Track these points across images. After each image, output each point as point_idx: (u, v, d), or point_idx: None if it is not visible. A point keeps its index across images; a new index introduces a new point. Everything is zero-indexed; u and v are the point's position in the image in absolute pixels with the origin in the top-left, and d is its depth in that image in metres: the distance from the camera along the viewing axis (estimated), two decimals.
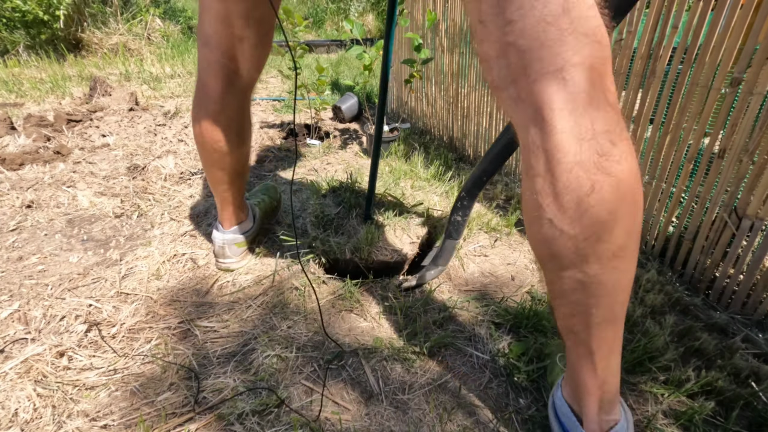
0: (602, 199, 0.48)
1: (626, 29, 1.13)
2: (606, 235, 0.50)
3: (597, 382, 0.59)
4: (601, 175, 0.48)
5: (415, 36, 1.73)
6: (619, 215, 0.50)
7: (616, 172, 0.48)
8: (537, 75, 0.48)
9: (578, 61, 0.47)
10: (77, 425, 0.72)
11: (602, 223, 0.49)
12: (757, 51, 0.88)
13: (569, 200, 0.49)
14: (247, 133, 1.02)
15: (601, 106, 0.48)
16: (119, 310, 0.98)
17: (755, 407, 0.78)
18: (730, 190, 0.98)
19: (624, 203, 0.50)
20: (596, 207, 0.49)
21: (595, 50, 0.48)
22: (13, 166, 1.72)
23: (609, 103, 0.49)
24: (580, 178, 0.48)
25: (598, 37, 0.48)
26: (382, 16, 6.55)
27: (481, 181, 0.92)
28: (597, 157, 0.48)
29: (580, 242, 0.50)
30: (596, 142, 0.48)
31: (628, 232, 0.51)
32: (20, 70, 3.56)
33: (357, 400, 0.79)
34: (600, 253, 0.51)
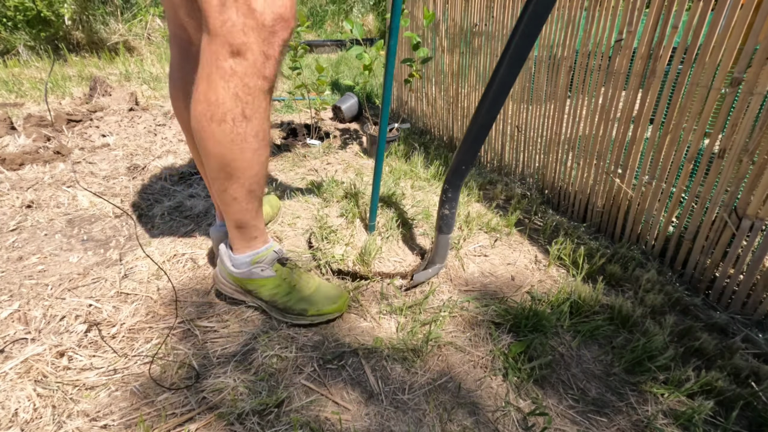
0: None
1: (626, 29, 1.13)
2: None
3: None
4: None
5: (413, 35, 1.73)
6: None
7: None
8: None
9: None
10: (77, 425, 0.72)
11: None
12: (757, 51, 0.88)
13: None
14: None
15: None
16: (119, 310, 0.98)
17: (755, 407, 0.78)
18: (730, 190, 0.98)
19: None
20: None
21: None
22: (13, 166, 1.72)
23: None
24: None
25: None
26: (382, 16, 6.55)
27: (461, 170, 0.93)
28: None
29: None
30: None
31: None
32: (20, 70, 3.56)
33: (357, 400, 0.79)
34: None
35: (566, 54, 1.35)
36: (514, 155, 1.71)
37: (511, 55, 0.76)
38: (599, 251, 1.20)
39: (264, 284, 0.95)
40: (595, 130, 1.29)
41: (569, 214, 1.46)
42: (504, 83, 0.79)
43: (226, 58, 0.69)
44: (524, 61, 0.76)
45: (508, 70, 0.77)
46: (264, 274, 0.95)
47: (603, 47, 1.21)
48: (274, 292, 0.95)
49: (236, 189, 0.83)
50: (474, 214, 1.41)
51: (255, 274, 0.94)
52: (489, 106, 0.82)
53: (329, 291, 0.98)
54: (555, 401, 0.80)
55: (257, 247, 0.95)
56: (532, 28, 0.72)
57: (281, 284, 0.96)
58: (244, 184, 0.83)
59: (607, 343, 0.93)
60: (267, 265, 0.95)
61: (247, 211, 0.88)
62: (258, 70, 0.71)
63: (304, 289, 0.96)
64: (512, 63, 0.76)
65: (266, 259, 0.95)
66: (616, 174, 1.25)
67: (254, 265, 0.94)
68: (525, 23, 0.72)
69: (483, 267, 1.18)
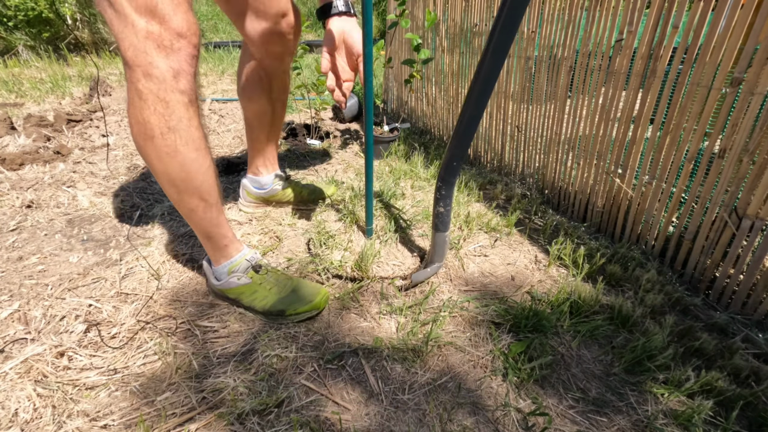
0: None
1: (627, 29, 1.13)
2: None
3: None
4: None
5: (415, 36, 1.73)
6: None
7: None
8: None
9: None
10: (77, 425, 0.72)
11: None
12: (757, 51, 0.88)
13: None
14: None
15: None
16: (119, 310, 0.98)
17: (755, 407, 0.78)
18: (730, 190, 0.98)
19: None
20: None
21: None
22: (13, 166, 1.72)
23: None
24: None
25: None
26: (382, 16, 6.55)
27: (453, 167, 0.93)
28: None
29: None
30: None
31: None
32: (20, 70, 3.56)
33: (357, 400, 0.79)
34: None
35: (566, 54, 1.35)
36: (514, 155, 1.71)
37: (493, 47, 0.76)
38: (599, 251, 1.20)
39: (242, 291, 0.99)
40: (595, 130, 1.29)
41: (569, 214, 1.46)
42: (489, 75, 0.79)
43: (140, 80, 0.75)
44: (507, 52, 0.77)
45: (491, 63, 0.78)
46: (240, 282, 0.99)
47: (603, 47, 1.21)
48: (252, 298, 0.98)
49: (189, 200, 0.88)
50: (474, 214, 1.41)
51: (232, 283, 0.98)
52: (476, 99, 0.82)
53: (306, 290, 1.00)
54: (555, 401, 0.80)
55: (231, 256, 1.00)
56: (512, 19, 0.73)
57: (258, 290, 0.99)
58: (193, 194, 0.88)
59: (607, 343, 0.93)
60: (242, 273, 0.99)
61: (207, 221, 0.93)
62: (171, 86, 0.77)
63: (281, 292, 0.99)
64: (495, 55, 0.77)
65: (240, 268, 0.99)
66: (616, 174, 1.25)
67: (231, 275, 0.98)
68: (505, 15, 0.73)
69: (483, 267, 1.18)
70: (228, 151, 2.04)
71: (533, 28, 1.45)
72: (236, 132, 2.36)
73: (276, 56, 1.15)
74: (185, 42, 0.75)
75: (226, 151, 2.05)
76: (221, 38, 5.99)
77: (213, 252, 0.99)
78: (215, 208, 0.93)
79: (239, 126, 2.47)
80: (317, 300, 0.97)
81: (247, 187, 1.42)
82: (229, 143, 2.18)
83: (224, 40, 5.70)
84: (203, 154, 0.86)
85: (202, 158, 0.86)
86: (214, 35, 6.19)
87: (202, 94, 3.14)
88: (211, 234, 0.95)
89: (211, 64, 4.07)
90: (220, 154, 2.00)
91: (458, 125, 0.87)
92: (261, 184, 1.40)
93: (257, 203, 1.45)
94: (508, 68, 1.61)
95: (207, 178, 0.88)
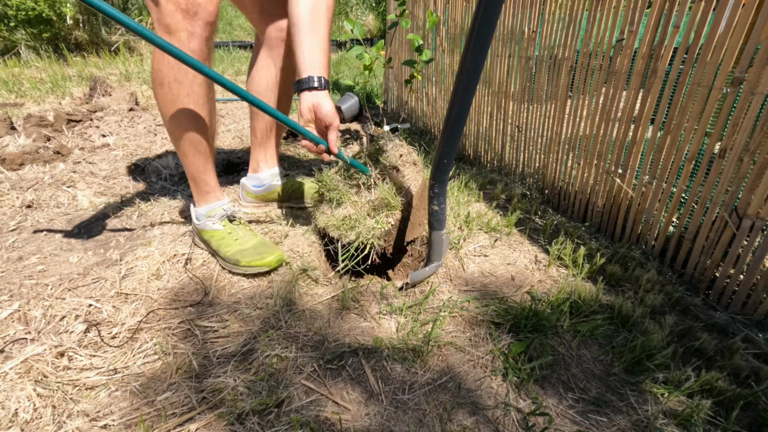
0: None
1: (627, 29, 1.13)
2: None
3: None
4: None
5: (416, 37, 1.73)
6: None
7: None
8: None
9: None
10: (77, 425, 0.72)
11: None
12: (758, 51, 0.88)
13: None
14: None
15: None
16: (119, 310, 0.98)
17: (755, 407, 0.78)
18: (730, 190, 0.98)
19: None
20: None
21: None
22: (13, 166, 1.72)
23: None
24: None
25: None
26: (382, 16, 6.55)
27: (444, 164, 0.93)
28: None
29: None
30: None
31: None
32: (20, 70, 3.56)
33: (357, 400, 0.79)
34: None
35: (567, 54, 1.35)
36: (514, 155, 1.71)
37: (474, 43, 0.77)
38: (599, 251, 1.20)
39: (213, 235, 1.15)
40: (595, 130, 1.29)
41: (569, 214, 1.46)
42: (472, 71, 0.80)
43: (162, 35, 0.93)
44: (487, 47, 0.78)
45: (473, 59, 0.78)
46: (214, 226, 1.15)
47: (604, 47, 1.21)
48: (218, 244, 1.13)
49: (183, 144, 1.06)
50: (474, 214, 1.41)
51: (207, 225, 1.15)
52: (461, 95, 0.83)
53: (264, 248, 1.11)
54: (555, 401, 0.80)
55: (211, 202, 1.16)
56: (491, 14, 0.73)
57: (225, 237, 1.13)
58: (187, 139, 1.05)
59: (607, 343, 0.93)
60: (217, 220, 1.15)
61: (194, 165, 1.11)
62: (184, 44, 0.93)
63: (243, 244, 1.12)
64: (476, 51, 0.77)
65: (217, 214, 1.15)
66: (616, 174, 1.25)
67: (208, 218, 1.15)
68: (482, 10, 0.73)
69: (483, 267, 1.18)
70: (228, 151, 2.04)
71: (534, 28, 1.45)
72: (236, 132, 2.36)
73: (280, 29, 1.23)
74: (201, 9, 0.92)
75: (227, 151, 2.05)
76: (221, 38, 5.98)
77: (197, 195, 1.16)
78: (203, 157, 1.10)
79: (239, 126, 2.47)
80: (270, 259, 1.08)
81: (247, 187, 1.43)
82: (229, 143, 2.18)
83: (224, 40, 5.70)
84: (201, 108, 1.03)
85: (200, 110, 1.03)
86: None
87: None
88: (197, 178, 1.13)
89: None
90: (220, 154, 2.00)
91: (446, 123, 0.87)
92: (260, 180, 1.41)
93: (257, 203, 1.46)
94: (509, 68, 1.61)
95: (200, 128, 1.05)
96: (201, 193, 1.15)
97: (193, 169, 1.11)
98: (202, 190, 1.15)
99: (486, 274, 1.15)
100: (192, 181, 1.14)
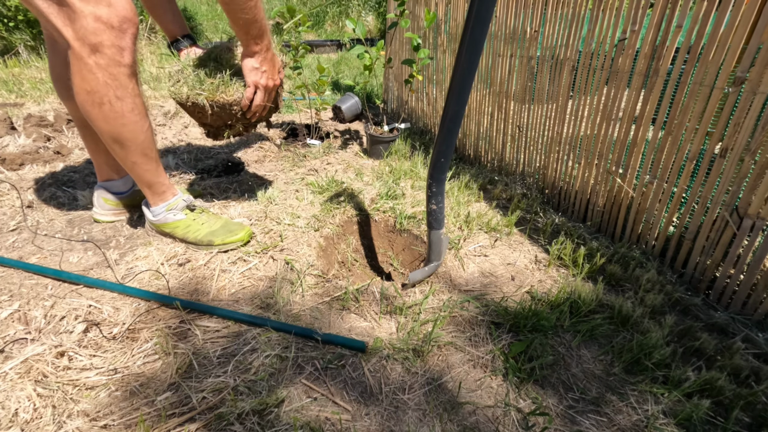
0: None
1: (630, 28, 1.13)
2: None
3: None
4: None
5: (415, 36, 1.73)
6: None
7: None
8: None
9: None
10: (77, 425, 0.72)
11: None
12: (760, 50, 0.88)
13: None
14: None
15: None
16: (119, 310, 0.98)
17: (755, 407, 0.78)
18: (731, 190, 0.98)
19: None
20: None
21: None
22: (13, 166, 1.72)
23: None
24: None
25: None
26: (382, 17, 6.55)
27: (441, 164, 0.94)
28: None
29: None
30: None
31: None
32: (20, 70, 3.56)
33: (357, 400, 0.79)
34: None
35: (569, 54, 1.35)
36: (514, 155, 1.70)
37: (468, 42, 0.77)
38: (599, 251, 1.20)
39: (177, 225, 1.19)
40: (596, 130, 1.29)
41: (570, 213, 1.46)
42: (467, 70, 0.81)
43: (89, 56, 0.89)
44: (482, 45, 0.79)
45: (468, 57, 0.79)
46: (176, 217, 1.19)
47: (606, 47, 1.21)
48: (185, 231, 1.19)
49: (132, 155, 1.06)
50: (474, 214, 1.41)
51: (169, 219, 1.19)
52: (457, 94, 0.83)
53: (233, 226, 1.21)
54: (555, 401, 0.80)
55: (168, 199, 1.19)
56: (484, 12, 0.74)
57: (191, 224, 1.19)
58: (136, 150, 1.06)
59: (607, 343, 0.93)
60: (178, 211, 1.20)
61: (148, 171, 1.11)
62: (117, 61, 0.92)
63: (212, 226, 1.20)
64: (471, 50, 0.78)
65: (177, 207, 1.19)
66: (617, 174, 1.25)
67: (168, 212, 1.18)
68: (476, 9, 0.74)
69: (483, 267, 1.18)
70: (228, 152, 2.04)
71: (536, 28, 1.45)
72: None
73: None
74: (130, 23, 0.91)
75: (226, 151, 2.05)
76: (221, 38, 5.99)
77: (152, 197, 1.17)
78: (154, 162, 1.12)
79: None
80: (241, 234, 1.18)
81: (104, 193, 1.33)
82: (228, 143, 2.18)
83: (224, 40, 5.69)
84: (143, 118, 1.04)
85: (143, 121, 1.03)
86: (214, 35, 6.19)
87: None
88: (151, 183, 1.14)
89: None
90: (220, 154, 2.00)
91: (442, 122, 0.88)
92: (117, 187, 1.34)
93: (116, 209, 1.37)
94: (510, 68, 1.60)
95: (148, 136, 1.07)
96: (157, 194, 1.16)
97: (148, 176, 1.12)
98: (157, 191, 1.16)
99: (486, 274, 1.15)
100: (146, 187, 1.14)
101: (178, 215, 1.19)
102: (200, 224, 1.20)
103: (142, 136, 1.04)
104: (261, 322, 0.93)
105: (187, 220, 1.20)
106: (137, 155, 1.06)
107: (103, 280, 1.06)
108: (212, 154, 2.03)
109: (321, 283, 1.09)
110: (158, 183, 1.15)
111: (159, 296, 1.01)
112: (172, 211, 1.18)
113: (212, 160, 1.93)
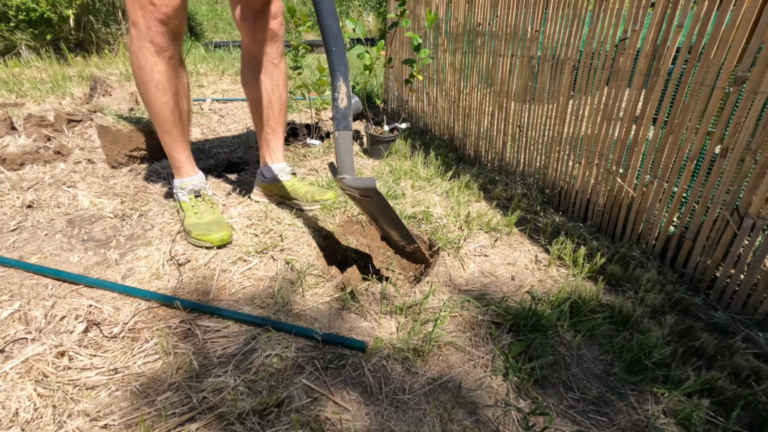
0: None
1: (631, 28, 1.13)
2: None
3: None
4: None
5: (415, 36, 1.73)
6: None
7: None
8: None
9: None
10: (78, 425, 0.72)
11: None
12: (761, 50, 0.88)
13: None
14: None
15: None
16: (119, 310, 0.98)
17: (755, 407, 0.78)
18: (732, 190, 0.97)
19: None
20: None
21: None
22: (14, 166, 1.72)
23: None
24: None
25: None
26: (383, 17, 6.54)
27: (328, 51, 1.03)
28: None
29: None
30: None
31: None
32: (21, 70, 3.56)
33: (357, 400, 0.79)
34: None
35: (570, 54, 1.34)
36: (515, 155, 1.70)
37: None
38: (600, 251, 1.19)
39: (182, 204, 1.31)
40: (597, 130, 1.29)
41: (570, 213, 1.46)
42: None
43: (131, 28, 1.08)
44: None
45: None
46: (183, 198, 1.32)
47: (607, 46, 1.21)
48: (183, 214, 1.29)
49: (156, 124, 1.23)
50: (474, 213, 1.41)
51: (179, 195, 1.32)
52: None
53: (215, 226, 1.23)
54: (555, 401, 0.80)
55: (181, 177, 1.33)
56: None
57: (189, 209, 1.29)
58: (155, 118, 1.21)
59: (608, 343, 0.92)
60: (186, 192, 1.31)
61: (164, 143, 1.27)
62: (144, 36, 1.07)
63: (200, 218, 1.26)
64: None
65: (186, 188, 1.31)
66: (617, 173, 1.25)
67: (180, 190, 1.32)
68: None
69: (483, 267, 1.17)
70: (228, 151, 2.04)
71: (537, 28, 1.45)
72: (236, 132, 2.36)
73: (259, 42, 1.33)
74: (154, 8, 1.03)
75: (227, 150, 2.06)
76: (221, 38, 5.99)
77: (173, 168, 1.34)
78: (170, 136, 1.24)
79: (239, 126, 2.47)
80: (213, 237, 1.20)
81: (258, 176, 1.49)
82: (229, 143, 2.18)
83: (224, 40, 5.70)
84: (162, 92, 1.16)
85: (160, 94, 1.16)
86: (214, 35, 6.19)
87: (203, 93, 3.13)
88: (169, 154, 1.30)
89: (211, 64, 4.06)
90: (220, 153, 2.01)
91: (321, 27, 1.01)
92: (263, 174, 1.47)
93: (261, 194, 1.51)
94: (511, 68, 1.60)
95: (162, 110, 1.19)
96: (174, 167, 1.33)
97: (164, 146, 1.28)
98: (174, 164, 1.32)
99: (486, 273, 1.15)
100: (168, 156, 1.30)
101: (184, 196, 1.30)
102: (194, 212, 1.27)
103: (156, 108, 1.18)
104: (261, 322, 0.93)
105: (187, 203, 1.29)
106: (156, 125, 1.23)
107: (103, 280, 1.06)
108: (213, 153, 2.03)
109: (321, 283, 1.09)
110: (172, 157, 1.29)
111: (159, 296, 1.01)
112: (183, 191, 1.31)
113: (213, 160, 1.93)
